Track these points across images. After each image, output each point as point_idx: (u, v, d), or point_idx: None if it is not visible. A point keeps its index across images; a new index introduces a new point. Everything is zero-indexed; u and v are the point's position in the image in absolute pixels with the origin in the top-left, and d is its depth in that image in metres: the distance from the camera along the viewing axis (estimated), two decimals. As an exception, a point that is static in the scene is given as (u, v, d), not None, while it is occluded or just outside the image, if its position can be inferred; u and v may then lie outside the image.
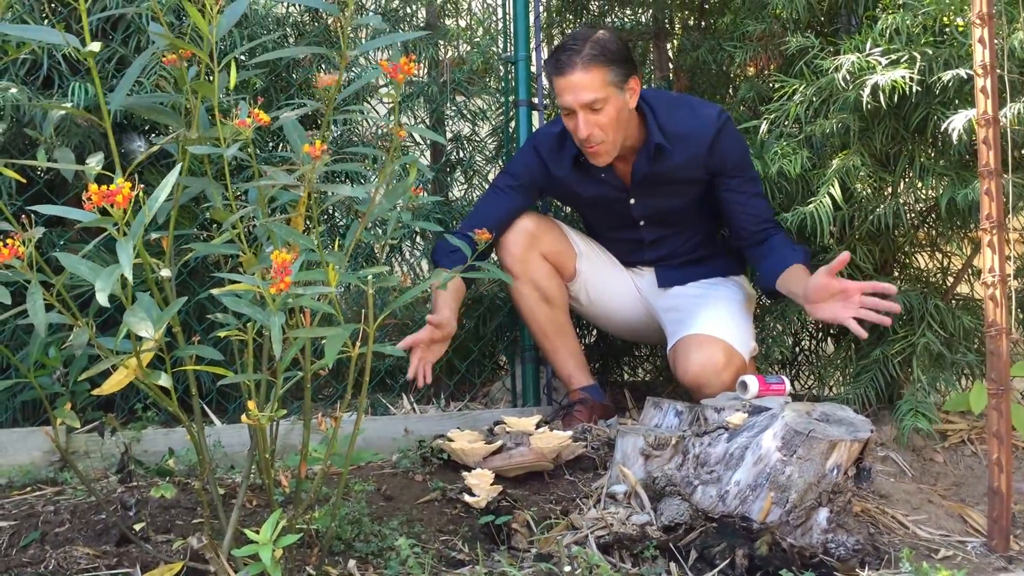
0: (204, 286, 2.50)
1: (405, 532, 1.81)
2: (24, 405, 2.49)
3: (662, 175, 2.54)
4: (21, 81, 2.41)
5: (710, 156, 2.49)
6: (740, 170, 2.52)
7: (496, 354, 3.30)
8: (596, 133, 2.41)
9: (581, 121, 2.38)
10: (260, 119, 1.36)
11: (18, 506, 1.91)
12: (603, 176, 2.58)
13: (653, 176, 2.54)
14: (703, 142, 2.48)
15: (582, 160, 2.57)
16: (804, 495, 1.82)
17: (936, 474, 2.45)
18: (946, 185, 2.41)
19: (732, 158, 2.51)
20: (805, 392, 3.17)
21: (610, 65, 2.38)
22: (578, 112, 2.38)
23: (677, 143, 2.49)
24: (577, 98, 2.37)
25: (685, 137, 2.49)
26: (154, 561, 1.62)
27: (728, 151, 2.50)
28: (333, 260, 1.38)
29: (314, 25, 3.09)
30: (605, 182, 2.60)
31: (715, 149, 2.48)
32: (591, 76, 2.36)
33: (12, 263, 1.23)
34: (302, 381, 1.49)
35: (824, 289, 2.25)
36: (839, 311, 2.24)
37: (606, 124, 2.40)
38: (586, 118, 2.38)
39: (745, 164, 2.53)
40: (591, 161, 2.51)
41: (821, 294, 2.26)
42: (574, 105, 2.38)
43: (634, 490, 1.98)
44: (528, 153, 2.68)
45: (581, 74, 2.36)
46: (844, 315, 2.23)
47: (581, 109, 2.38)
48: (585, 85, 2.36)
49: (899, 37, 2.36)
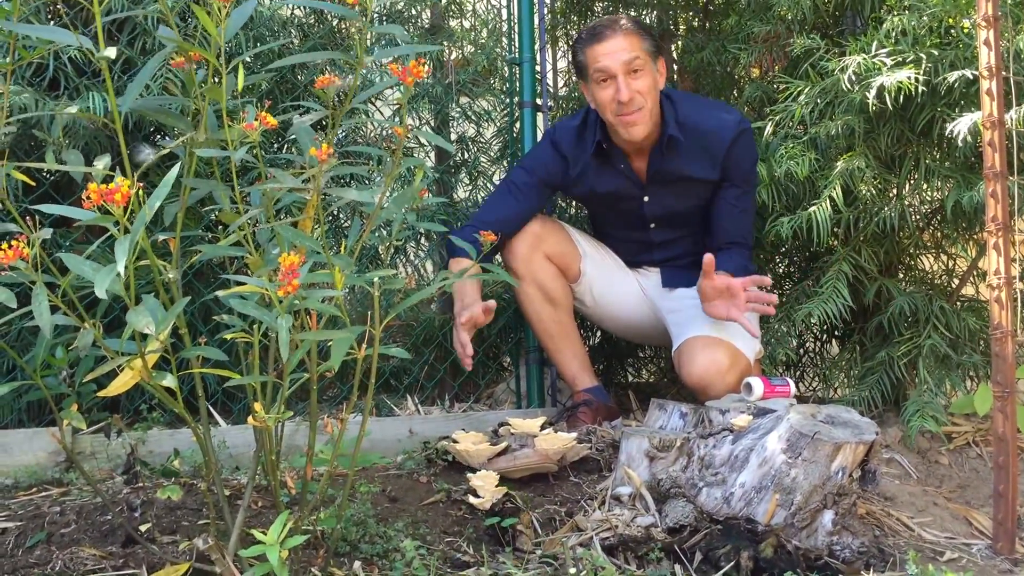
0: (210, 288, 2.51)
1: (410, 533, 1.81)
2: (30, 406, 2.49)
3: (676, 171, 2.54)
4: (28, 82, 2.42)
5: (725, 159, 2.50)
6: (743, 182, 2.54)
7: (501, 355, 3.30)
8: (637, 97, 2.45)
9: (622, 84, 2.43)
10: (267, 123, 1.36)
11: (24, 507, 1.91)
12: (621, 167, 2.59)
13: (667, 171, 2.55)
14: (721, 143, 2.50)
15: (605, 147, 2.57)
16: (809, 497, 1.82)
17: (941, 476, 2.44)
18: (951, 187, 2.41)
19: (743, 167, 2.52)
20: (810, 394, 3.17)
21: (645, 35, 2.49)
22: (619, 76, 2.43)
23: (693, 139, 2.51)
24: (618, 59, 2.43)
25: (703, 135, 2.51)
26: (160, 562, 1.62)
27: (741, 159, 2.51)
28: (340, 263, 1.39)
29: (320, 27, 3.09)
30: (622, 174, 2.60)
31: (731, 153, 2.50)
32: (630, 40, 2.45)
33: (17, 264, 1.23)
34: (308, 383, 1.50)
35: (710, 288, 2.37)
36: (730, 310, 2.36)
37: (645, 90, 2.46)
38: (627, 81, 2.43)
39: (750, 177, 2.54)
40: (625, 133, 2.51)
41: (710, 293, 2.38)
42: (614, 67, 2.43)
43: (639, 492, 1.98)
44: (547, 149, 2.68)
45: (621, 38, 2.45)
46: (735, 314, 2.35)
47: (622, 71, 2.43)
48: (625, 47, 2.44)
49: (905, 39, 2.36)
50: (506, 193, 2.67)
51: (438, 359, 3.12)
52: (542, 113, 3.17)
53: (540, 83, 3.19)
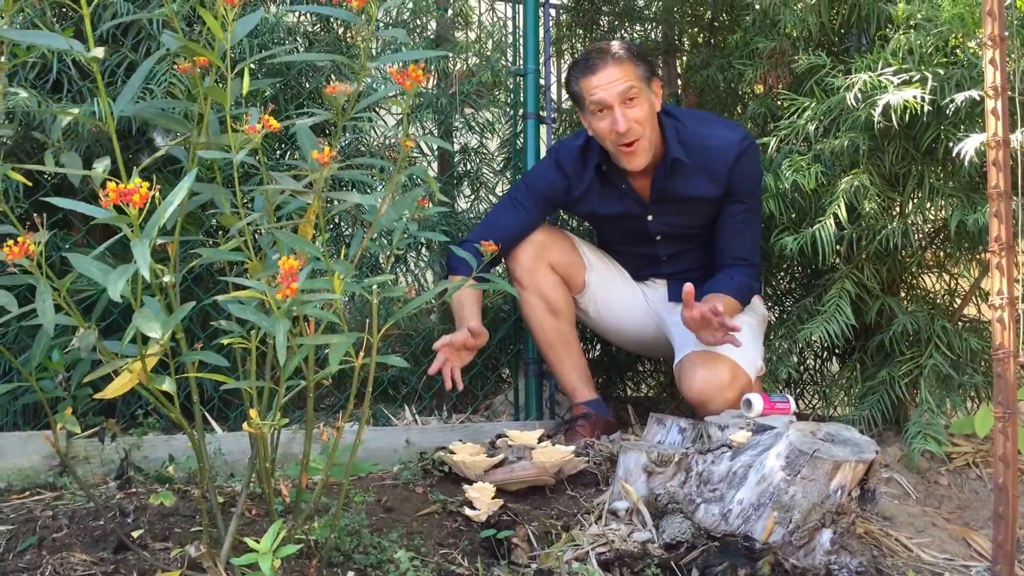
0: (208, 292, 2.50)
1: (405, 544, 1.79)
2: (25, 408, 2.48)
3: (679, 191, 2.54)
4: (31, 85, 2.41)
5: (729, 176, 2.49)
6: (748, 198, 2.53)
7: (500, 367, 3.29)
8: (635, 127, 2.43)
9: (619, 114, 2.41)
10: (270, 125, 1.36)
11: (16, 510, 1.90)
12: (623, 188, 2.58)
13: (671, 191, 2.54)
14: (724, 161, 2.48)
15: (605, 169, 2.57)
16: (808, 515, 1.81)
17: (941, 497, 2.43)
18: (955, 206, 2.41)
19: (747, 184, 2.51)
20: (809, 412, 3.16)
21: (637, 61, 2.45)
22: (615, 107, 2.41)
23: (697, 158, 2.50)
24: (613, 89, 2.41)
25: (707, 153, 2.50)
26: (151, 569, 1.60)
27: (745, 176, 2.51)
28: (339, 269, 1.38)
29: (326, 35, 3.09)
30: (625, 195, 2.60)
31: (734, 170, 2.49)
32: (623, 68, 2.42)
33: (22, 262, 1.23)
34: (304, 390, 1.49)
35: (690, 320, 2.33)
36: (713, 336, 2.32)
37: (642, 118, 2.44)
38: (623, 111, 2.41)
39: (755, 194, 2.54)
40: (626, 163, 2.50)
41: (691, 325, 2.34)
42: (610, 99, 2.41)
43: (636, 507, 1.97)
44: (550, 169, 2.68)
45: (613, 68, 2.42)
46: (718, 340, 2.31)
47: (618, 102, 2.41)
48: (618, 76, 2.42)
49: (911, 57, 2.36)
50: (508, 207, 2.67)
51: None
52: (546, 125, 3.17)
53: (544, 95, 3.20)
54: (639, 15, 3.55)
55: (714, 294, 2.48)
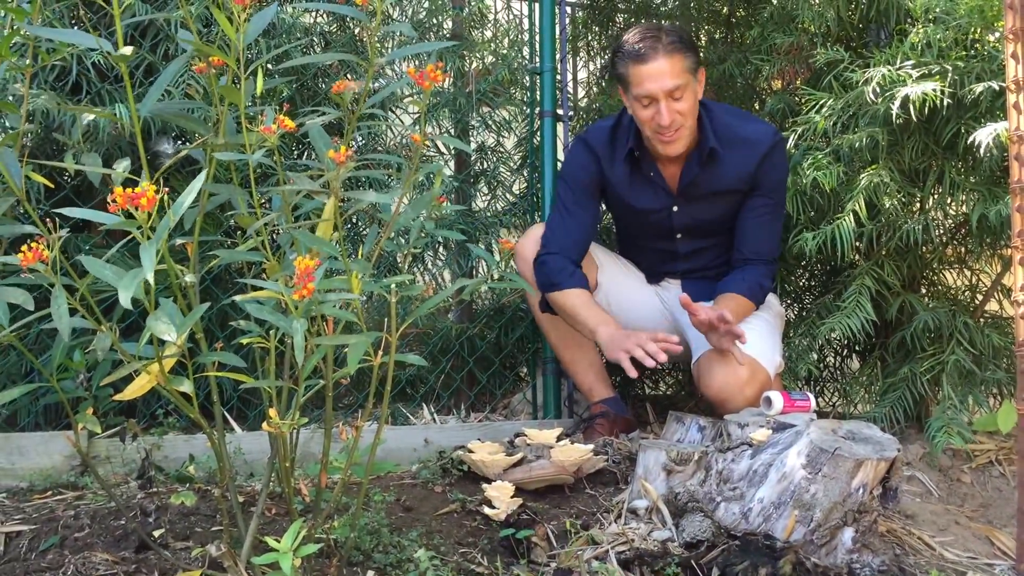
0: (227, 292, 2.51)
1: (424, 544, 1.79)
2: (47, 409, 2.50)
3: (709, 182, 2.52)
4: (50, 86, 2.43)
5: (758, 168, 2.48)
6: (773, 193, 2.51)
7: (517, 366, 3.28)
8: (678, 119, 2.42)
9: (664, 108, 2.40)
10: (285, 125, 1.36)
11: (38, 510, 1.91)
12: (651, 175, 2.57)
13: (701, 181, 2.53)
14: (755, 154, 2.47)
15: (637, 155, 2.56)
16: (829, 514, 1.79)
17: (963, 495, 2.41)
18: (977, 201, 2.38)
19: (773, 178, 2.50)
20: (830, 409, 3.13)
21: (687, 52, 2.42)
22: (661, 100, 2.39)
23: (730, 150, 2.48)
24: (662, 85, 2.38)
25: (739, 145, 2.48)
26: (172, 568, 1.61)
27: (772, 171, 2.49)
28: (357, 268, 1.38)
29: (342, 35, 3.10)
30: (653, 182, 2.58)
31: (764, 164, 2.47)
32: (673, 62, 2.39)
33: (36, 267, 1.23)
34: (323, 389, 1.49)
35: (698, 324, 2.33)
36: (720, 343, 2.33)
37: (686, 111, 2.43)
38: (669, 104, 2.40)
39: (779, 189, 2.52)
40: (661, 149, 2.49)
41: (700, 328, 2.34)
42: (658, 93, 2.39)
43: (656, 505, 1.96)
44: (581, 152, 2.65)
45: (664, 60, 2.38)
46: (724, 346, 2.32)
47: (664, 96, 2.39)
48: (668, 72, 2.39)
49: (930, 51, 2.33)
50: (563, 216, 2.64)
51: (454, 368, 3.11)
52: (562, 123, 3.16)
53: (561, 93, 3.19)
54: (656, 11, 3.54)
55: (726, 294, 2.46)
